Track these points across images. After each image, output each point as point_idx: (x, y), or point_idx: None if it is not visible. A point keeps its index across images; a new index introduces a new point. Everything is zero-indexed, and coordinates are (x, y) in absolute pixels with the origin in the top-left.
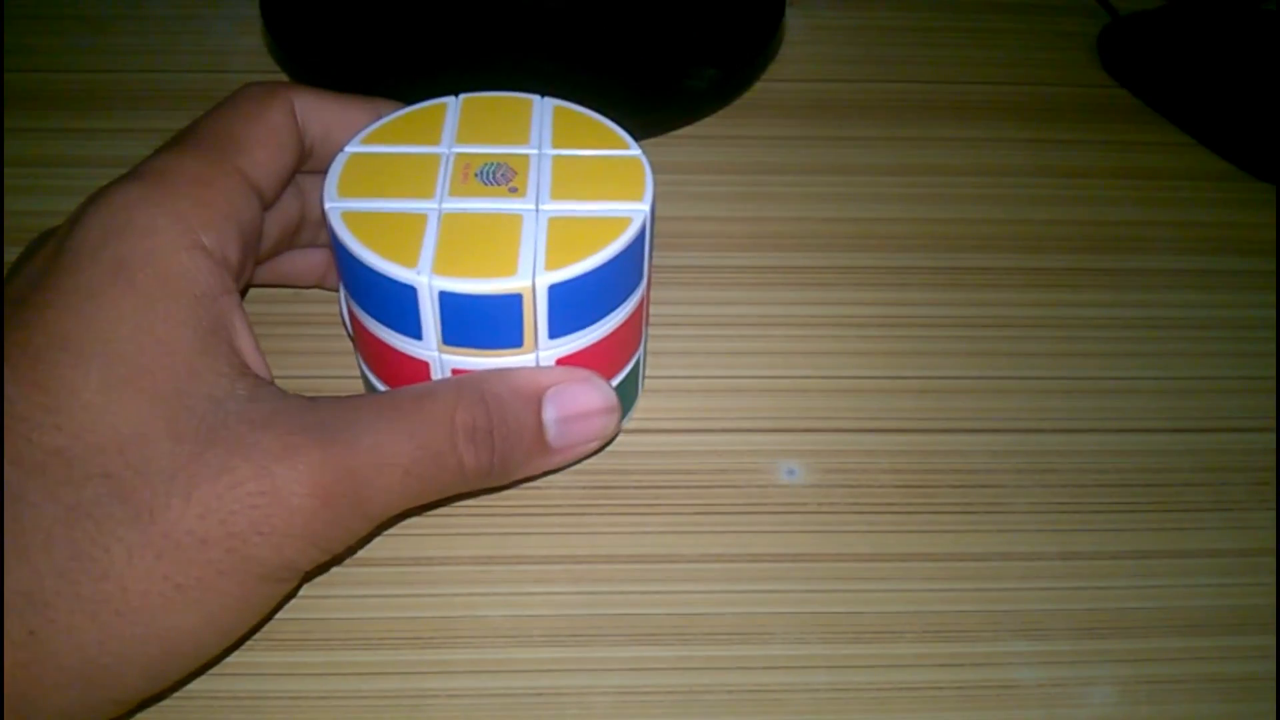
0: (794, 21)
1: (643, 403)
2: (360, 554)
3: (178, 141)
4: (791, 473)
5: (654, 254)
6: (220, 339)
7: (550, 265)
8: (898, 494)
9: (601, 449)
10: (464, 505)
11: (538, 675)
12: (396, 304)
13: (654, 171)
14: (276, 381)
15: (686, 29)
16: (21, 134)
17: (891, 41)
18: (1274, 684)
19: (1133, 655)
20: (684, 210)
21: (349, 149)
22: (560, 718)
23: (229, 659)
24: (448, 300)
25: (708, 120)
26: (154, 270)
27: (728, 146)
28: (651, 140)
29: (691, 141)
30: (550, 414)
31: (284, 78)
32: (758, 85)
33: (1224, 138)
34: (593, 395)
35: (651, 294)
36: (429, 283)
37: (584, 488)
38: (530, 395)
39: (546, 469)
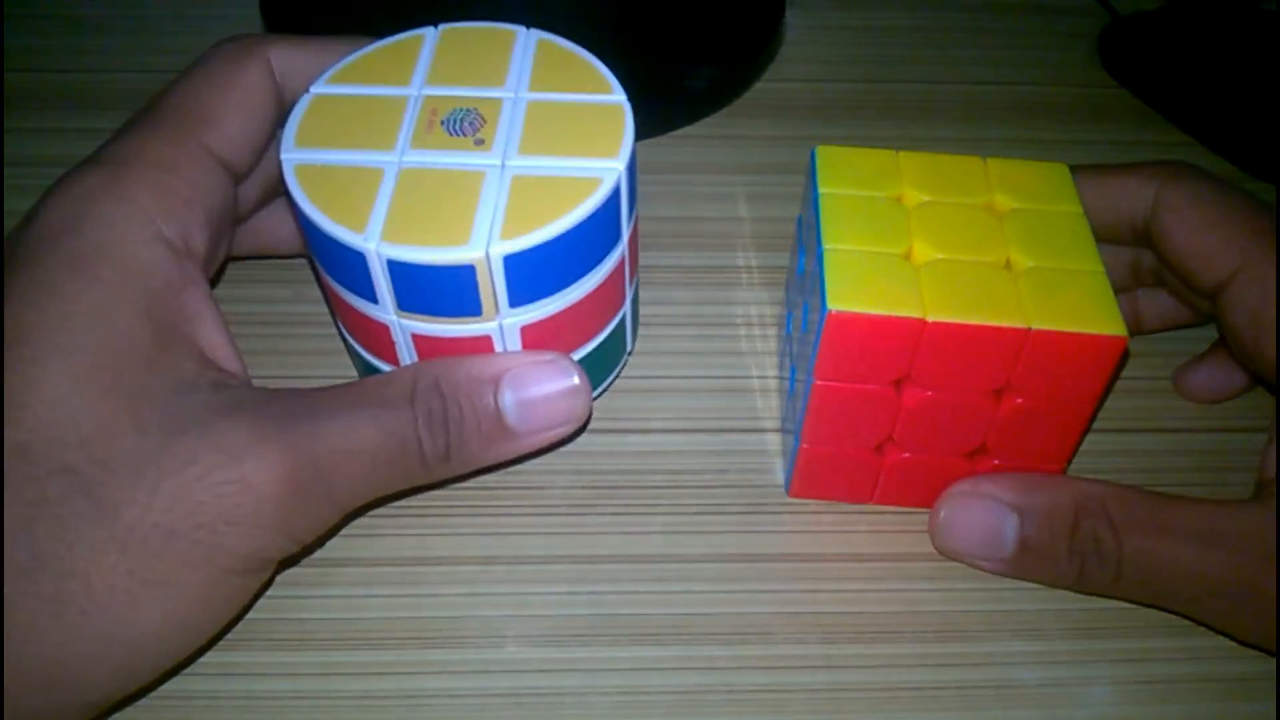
0: (794, 21)
1: (644, 402)
2: (362, 554)
3: (143, 119)
4: None
5: (656, 254)
6: (182, 333)
7: (507, 234)
8: None
9: (580, 431)
10: (464, 505)
11: (538, 675)
12: (351, 268)
13: (653, 171)
14: (274, 380)
15: (686, 29)
16: (21, 134)
17: (891, 41)
18: (1273, 684)
19: (1131, 655)
20: (684, 210)
21: (314, 89)
22: (560, 718)
23: (228, 659)
24: (397, 269)
25: (708, 120)
26: (113, 264)
27: (728, 146)
28: (651, 140)
29: (691, 141)
30: (509, 398)
31: None
32: (758, 85)
33: (1224, 138)
34: (554, 377)
35: (652, 294)
36: (376, 250)
37: (584, 488)
38: (486, 380)
39: (515, 454)
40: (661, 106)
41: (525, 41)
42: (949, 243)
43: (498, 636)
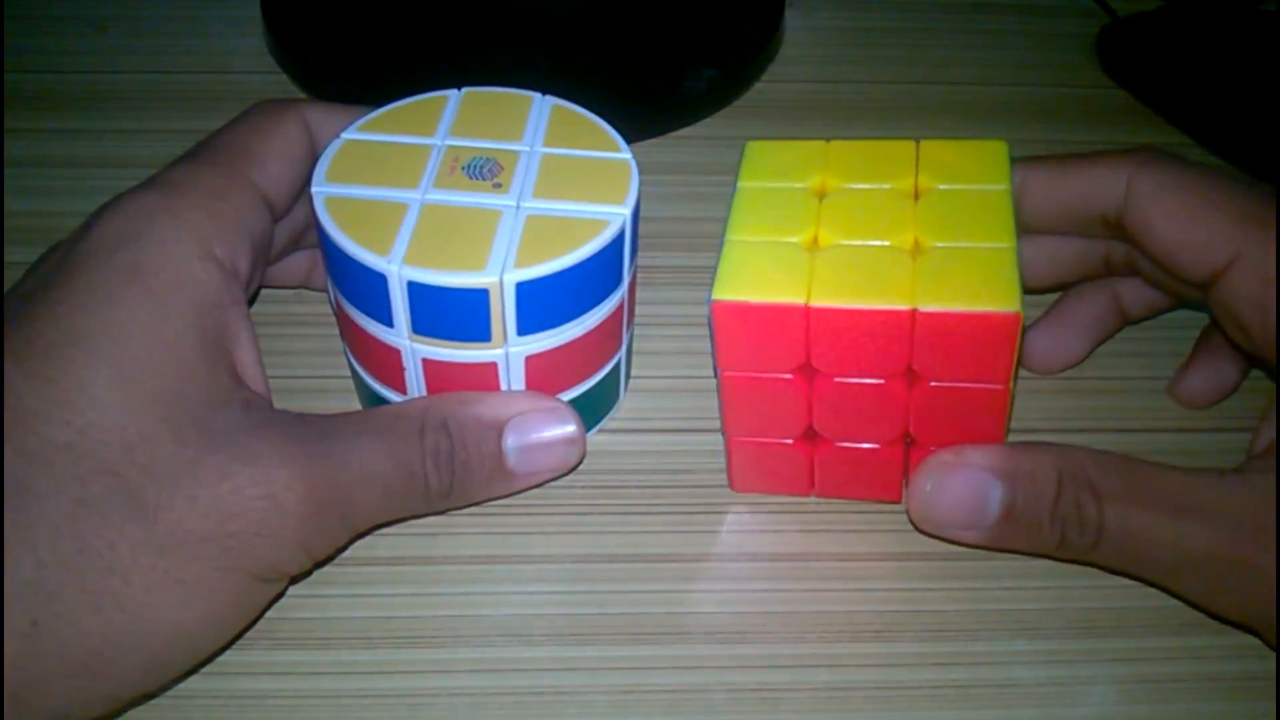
0: (793, 23)
1: (643, 402)
2: (361, 554)
3: (193, 154)
4: None
5: (655, 255)
6: (222, 349)
7: (520, 262)
8: None
9: (569, 473)
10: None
11: (538, 674)
12: (370, 291)
13: (653, 172)
14: (275, 380)
15: (685, 30)
16: (21, 134)
17: (890, 42)
18: (1273, 683)
19: (1131, 654)
20: (683, 211)
21: (345, 135)
22: (560, 717)
23: (228, 659)
24: (416, 290)
25: (707, 121)
26: (167, 277)
27: (726, 147)
28: (650, 141)
29: (690, 142)
30: (511, 441)
31: (285, 79)
32: (756, 86)
33: (1223, 138)
34: (555, 426)
35: (652, 294)
36: (398, 272)
37: (584, 488)
38: (492, 423)
39: (509, 492)
40: (661, 107)
41: (541, 105)
42: (854, 228)
43: (498, 636)
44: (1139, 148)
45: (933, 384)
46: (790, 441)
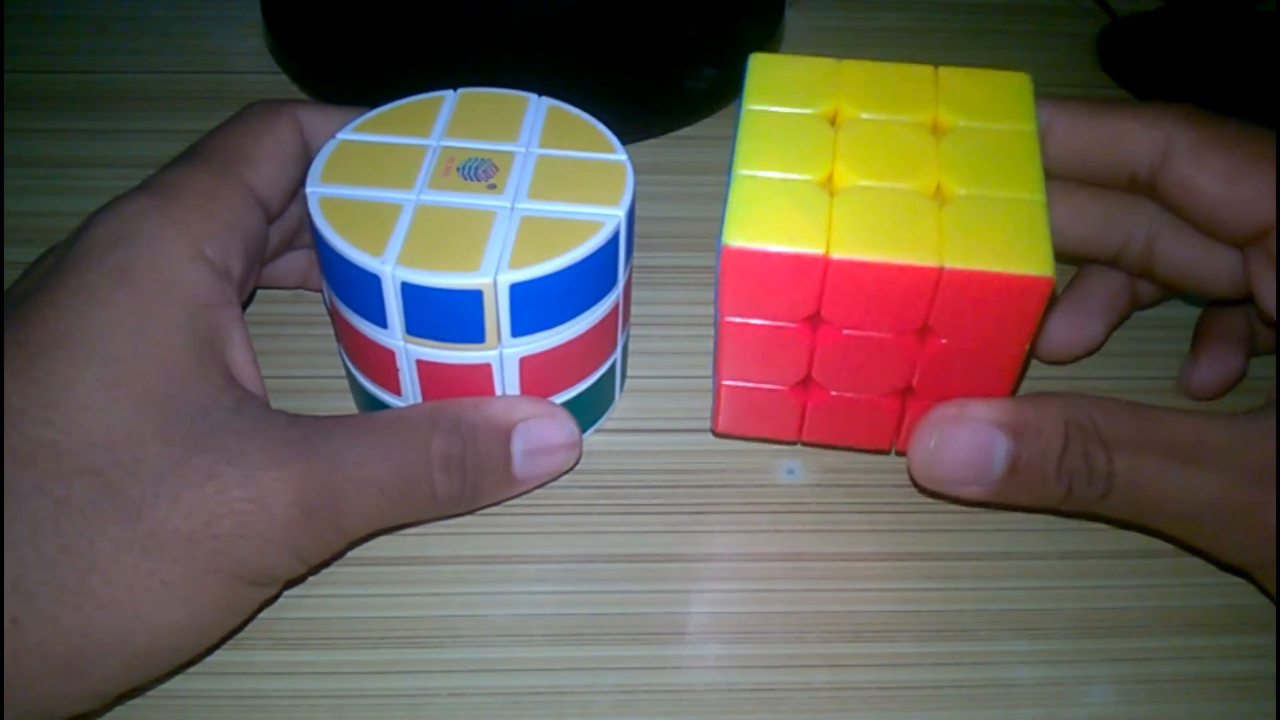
0: (792, 23)
1: (641, 402)
2: (361, 554)
3: (187, 157)
4: (791, 472)
5: (653, 255)
6: (214, 349)
7: (515, 264)
8: (897, 493)
9: (559, 477)
10: None
11: (538, 674)
12: (364, 292)
13: (652, 172)
14: (273, 379)
15: (685, 29)
16: (21, 134)
17: (891, 42)
18: (1273, 683)
19: (1131, 654)
20: (684, 210)
21: (340, 135)
22: (560, 717)
23: (229, 659)
24: (410, 291)
25: (707, 120)
26: (157, 277)
27: (726, 147)
28: (651, 140)
29: (690, 142)
30: (518, 446)
31: (285, 79)
32: None
33: None
34: (558, 432)
35: (650, 294)
36: (392, 273)
37: (584, 488)
38: (501, 427)
39: (509, 496)
40: (661, 107)
41: (537, 106)
42: (875, 167)
43: (498, 635)
44: (1175, 105)
45: (943, 341)
46: (784, 388)
